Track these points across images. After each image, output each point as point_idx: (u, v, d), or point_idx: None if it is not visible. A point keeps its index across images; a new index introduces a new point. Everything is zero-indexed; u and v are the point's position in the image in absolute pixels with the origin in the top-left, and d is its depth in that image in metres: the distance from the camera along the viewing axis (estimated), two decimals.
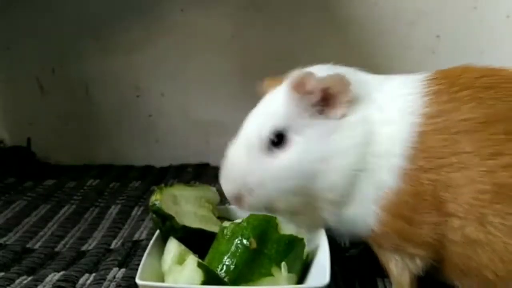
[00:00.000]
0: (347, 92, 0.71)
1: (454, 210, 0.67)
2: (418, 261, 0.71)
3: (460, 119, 0.68)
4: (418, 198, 0.68)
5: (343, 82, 0.71)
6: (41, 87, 1.43)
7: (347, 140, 0.70)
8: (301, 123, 0.72)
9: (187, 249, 0.76)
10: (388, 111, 0.71)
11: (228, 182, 0.74)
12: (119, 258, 0.89)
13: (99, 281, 0.82)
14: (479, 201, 0.65)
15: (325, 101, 0.71)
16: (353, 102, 0.71)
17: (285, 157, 0.71)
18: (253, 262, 0.72)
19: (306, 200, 0.72)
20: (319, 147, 0.70)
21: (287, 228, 0.76)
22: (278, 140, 0.72)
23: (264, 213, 0.75)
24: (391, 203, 0.69)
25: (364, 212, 0.70)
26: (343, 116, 0.71)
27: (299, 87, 0.71)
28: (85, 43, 1.37)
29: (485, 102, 0.68)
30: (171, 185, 0.87)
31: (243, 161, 0.73)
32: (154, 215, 0.80)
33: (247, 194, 0.72)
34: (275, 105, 0.74)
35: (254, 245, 0.72)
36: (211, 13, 1.33)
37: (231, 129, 1.41)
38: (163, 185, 0.84)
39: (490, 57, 0.76)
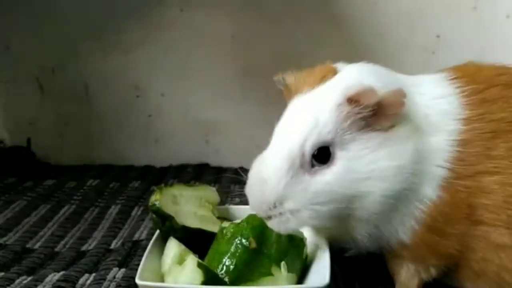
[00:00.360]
0: (402, 106, 0.65)
1: (483, 217, 0.66)
2: (432, 270, 0.71)
3: (493, 119, 0.67)
4: (454, 207, 0.66)
5: (401, 96, 0.65)
6: (41, 87, 1.42)
7: (397, 157, 0.65)
8: (348, 136, 0.65)
9: (187, 249, 0.76)
10: (433, 117, 0.68)
11: (261, 202, 0.67)
12: (119, 258, 0.89)
13: (99, 281, 0.82)
14: (509, 204, 0.65)
15: (374, 114, 0.66)
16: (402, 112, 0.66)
17: (329, 175, 0.65)
18: (253, 262, 0.71)
19: (340, 220, 0.68)
20: (366, 164, 0.65)
21: None
22: (322, 154, 0.66)
23: None
24: (429, 216, 0.67)
25: (399, 227, 0.68)
26: (391, 127, 0.66)
27: (356, 101, 0.65)
28: (85, 43, 1.37)
29: (510, 100, 0.68)
30: (171, 185, 0.87)
31: (281, 181, 0.65)
32: (154, 215, 0.80)
33: (280, 215, 0.67)
34: (322, 116, 0.66)
35: (253, 245, 0.72)
36: (211, 12, 1.33)
37: (231, 129, 1.42)
38: (163, 185, 0.84)
39: (490, 57, 0.76)
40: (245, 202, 0.72)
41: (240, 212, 0.86)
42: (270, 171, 0.66)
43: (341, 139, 0.65)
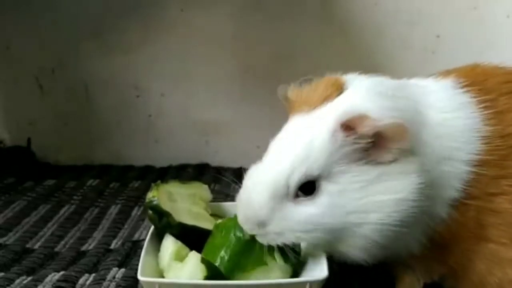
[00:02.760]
0: (405, 141, 0.60)
1: (492, 234, 0.65)
2: (435, 276, 0.71)
3: (507, 133, 0.64)
4: (463, 225, 0.65)
5: (402, 130, 0.60)
6: (40, 87, 1.42)
7: (396, 191, 0.61)
8: (338, 169, 0.62)
9: (184, 246, 0.76)
10: (447, 139, 0.64)
11: (246, 221, 0.67)
12: (119, 258, 0.89)
13: (98, 281, 0.82)
14: None
15: (373, 145, 0.61)
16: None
17: (311, 208, 0.63)
18: (247, 253, 0.71)
19: (334, 243, 0.65)
20: (356, 198, 0.62)
21: None
22: (307, 186, 0.63)
23: None
24: (438, 233, 0.65)
25: (410, 243, 0.66)
26: (394, 161, 0.61)
27: (351, 129, 0.61)
28: (85, 43, 1.37)
29: None
30: (166, 182, 0.87)
31: (265, 208, 0.64)
32: (150, 212, 0.80)
33: (265, 235, 0.66)
34: (311, 145, 0.63)
35: (247, 236, 0.72)
36: (211, 13, 1.33)
37: (231, 129, 1.42)
38: (159, 181, 0.84)
39: (490, 57, 0.76)
40: None
41: (232, 209, 0.86)
42: (255, 196, 0.66)
43: (330, 172, 0.62)
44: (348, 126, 0.61)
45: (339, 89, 0.66)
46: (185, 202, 0.85)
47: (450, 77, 0.70)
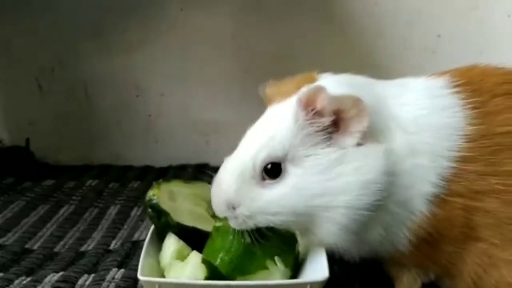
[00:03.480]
0: (363, 120, 0.62)
1: (483, 234, 0.65)
2: (431, 275, 0.71)
3: (498, 133, 0.64)
4: (449, 224, 0.65)
5: (360, 108, 0.62)
6: (40, 87, 1.42)
7: (362, 173, 0.62)
8: (303, 152, 0.64)
9: (186, 245, 0.76)
10: (420, 136, 0.64)
11: (216, 203, 0.69)
12: (118, 258, 0.89)
13: (98, 281, 0.82)
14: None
15: (335, 125, 0.63)
16: (369, 130, 0.63)
17: (277, 190, 0.65)
18: (247, 256, 0.72)
19: (306, 226, 0.66)
20: (320, 182, 0.63)
21: None
22: (272, 169, 0.65)
23: None
24: (422, 228, 0.65)
25: (393, 237, 0.67)
26: (355, 145, 0.63)
27: (308, 105, 0.63)
28: (85, 43, 1.37)
29: None
30: (169, 181, 0.86)
31: (232, 188, 0.66)
32: (150, 210, 0.80)
33: (236, 218, 0.68)
34: (276, 127, 0.66)
35: (247, 239, 0.72)
36: (211, 12, 1.33)
37: (231, 129, 1.42)
38: (161, 180, 0.84)
39: (490, 57, 0.75)
40: None
41: None
42: (223, 176, 0.68)
43: (295, 155, 0.64)
44: (307, 103, 0.63)
45: (311, 82, 0.68)
46: (186, 202, 0.85)
47: (444, 76, 0.71)
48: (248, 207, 0.66)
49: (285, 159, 0.65)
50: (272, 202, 0.65)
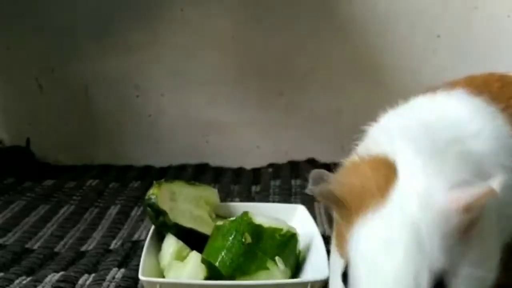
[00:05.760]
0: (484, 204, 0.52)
1: None
2: None
3: None
4: None
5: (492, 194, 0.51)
6: (40, 87, 1.42)
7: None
8: (456, 258, 0.51)
9: (185, 246, 0.77)
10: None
11: None
12: (119, 258, 0.89)
13: (98, 281, 0.82)
14: None
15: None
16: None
17: None
18: (248, 257, 0.72)
19: None
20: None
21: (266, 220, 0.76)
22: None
23: None
24: None
25: None
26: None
27: (468, 209, 0.51)
28: (85, 43, 1.37)
29: None
30: (172, 181, 0.86)
31: None
32: (148, 209, 0.80)
33: None
34: (428, 239, 0.50)
35: (248, 240, 0.72)
36: (211, 13, 1.33)
37: (231, 129, 1.42)
38: (163, 180, 0.84)
39: (490, 57, 0.75)
40: (245, 202, 0.72)
41: (239, 209, 0.86)
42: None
43: (453, 263, 0.51)
44: (468, 207, 0.52)
45: (390, 165, 0.55)
46: (187, 203, 0.84)
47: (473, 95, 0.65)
48: None
49: (446, 271, 0.52)
50: None
